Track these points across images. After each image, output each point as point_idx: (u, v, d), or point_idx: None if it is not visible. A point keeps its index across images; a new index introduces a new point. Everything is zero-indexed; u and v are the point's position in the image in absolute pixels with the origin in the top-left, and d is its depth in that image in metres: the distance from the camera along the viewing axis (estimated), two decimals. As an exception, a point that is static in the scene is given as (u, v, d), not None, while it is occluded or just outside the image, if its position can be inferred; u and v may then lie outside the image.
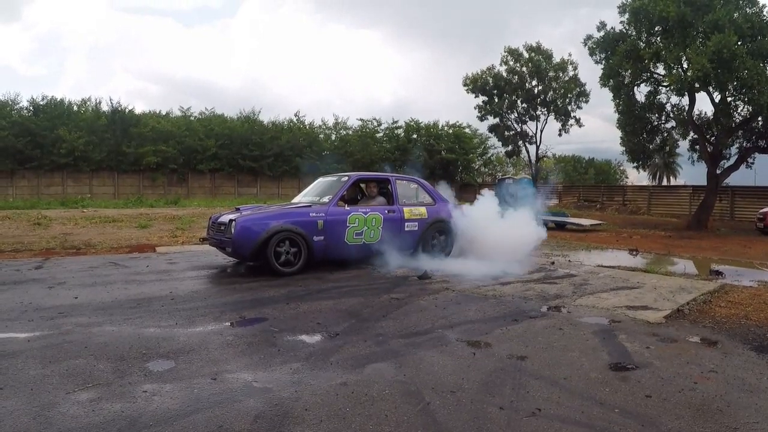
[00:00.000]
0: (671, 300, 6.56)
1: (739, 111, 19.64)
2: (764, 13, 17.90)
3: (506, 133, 36.40)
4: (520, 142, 36.66)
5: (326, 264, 8.35)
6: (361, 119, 44.94)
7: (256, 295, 6.63)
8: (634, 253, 12.14)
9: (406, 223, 9.01)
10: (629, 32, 20.19)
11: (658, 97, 21.15)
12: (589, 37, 21.41)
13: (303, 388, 3.61)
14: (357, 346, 4.59)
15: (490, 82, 34.36)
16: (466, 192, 35.40)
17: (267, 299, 6.41)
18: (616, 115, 22.33)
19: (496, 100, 34.78)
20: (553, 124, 35.42)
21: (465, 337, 4.94)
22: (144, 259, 9.58)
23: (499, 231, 9.30)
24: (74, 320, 5.30)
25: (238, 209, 8.74)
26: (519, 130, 36.07)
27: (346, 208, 8.56)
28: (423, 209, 9.30)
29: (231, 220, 7.93)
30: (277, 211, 8.38)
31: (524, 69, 34.16)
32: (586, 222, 20.10)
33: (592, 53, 21.40)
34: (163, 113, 40.40)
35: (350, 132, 44.00)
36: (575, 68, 33.78)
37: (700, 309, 6.15)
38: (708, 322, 5.57)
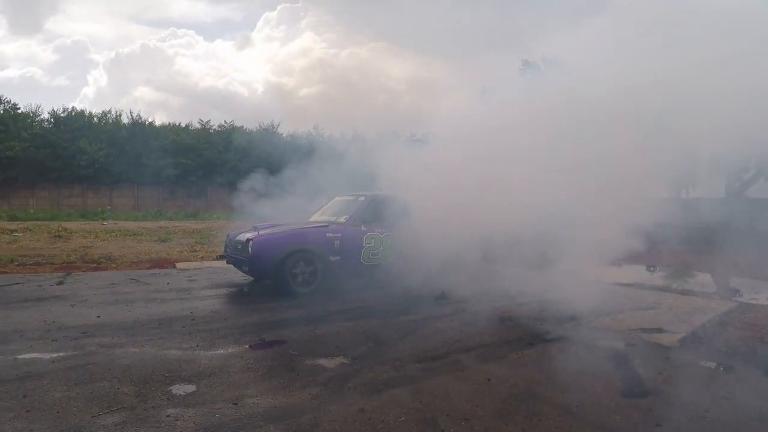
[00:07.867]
0: (687, 322, 6.58)
1: (757, 123, 19.47)
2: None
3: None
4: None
5: (344, 283, 8.42)
6: (378, 133, 44.98)
7: (275, 316, 6.72)
8: (652, 269, 12.10)
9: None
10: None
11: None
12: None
13: (322, 414, 3.70)
14: (374, 370, 4.67)
15: (507, 95, 34.22)
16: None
17: (287, 320, 6.49)
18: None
19: (514, 113, 34.62)
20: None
21: (480, 361, 5.00)
22: (164, 275, 9.75)
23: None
24: (97, 341, 5.43)
25: (255, 227, 8.82)
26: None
27: (363, 227, 8.64)
28: (439, 228, 9.28)
29: (248, 239, 8.04)
30: (294, 231, 8.46)
31: (541, 82, 34.01)
32: None
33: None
34: (183, 125, 40.73)
35: (368, 145, 43.97)
36: (593, 80, 33.48)
37: (715, 331, 6.16)
38: (722, 346, 5.58)
